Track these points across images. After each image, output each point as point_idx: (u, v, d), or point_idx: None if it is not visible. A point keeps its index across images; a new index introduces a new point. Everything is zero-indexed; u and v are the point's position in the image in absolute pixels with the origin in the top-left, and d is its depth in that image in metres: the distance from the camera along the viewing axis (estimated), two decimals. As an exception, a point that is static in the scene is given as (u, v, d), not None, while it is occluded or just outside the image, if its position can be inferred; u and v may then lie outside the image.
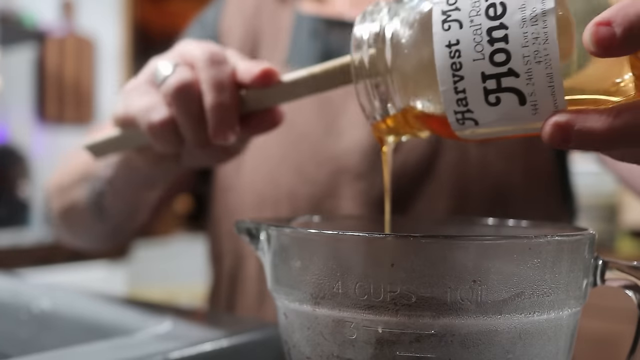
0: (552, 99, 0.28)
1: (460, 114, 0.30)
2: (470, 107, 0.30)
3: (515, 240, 0.28)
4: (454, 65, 0.29)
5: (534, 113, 0.29)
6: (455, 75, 0.29)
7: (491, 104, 0.29)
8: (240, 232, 0.35)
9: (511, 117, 0.29)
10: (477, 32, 0.28)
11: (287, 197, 0.63)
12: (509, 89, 0.28)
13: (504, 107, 0.29)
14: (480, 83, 0.29)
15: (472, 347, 0.27)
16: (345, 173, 0.62)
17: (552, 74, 0.27)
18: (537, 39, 0.27)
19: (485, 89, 0.29)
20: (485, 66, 0.28)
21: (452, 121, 0.31)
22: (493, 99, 0.29)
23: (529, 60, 0.28)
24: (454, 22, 0.29)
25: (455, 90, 0.29)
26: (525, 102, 0.28)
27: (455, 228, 0.42)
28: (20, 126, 2.29)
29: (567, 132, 0.27)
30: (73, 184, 0.62)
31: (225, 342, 0.41)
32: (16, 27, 2.17)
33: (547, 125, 0.28)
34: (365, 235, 0.28)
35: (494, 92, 0.29)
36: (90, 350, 0.39)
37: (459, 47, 0.29)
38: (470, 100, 0.29)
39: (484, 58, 0.28)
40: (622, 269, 0.30)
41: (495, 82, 0.28)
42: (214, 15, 0.73)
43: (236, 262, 0.68)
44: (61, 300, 0.55)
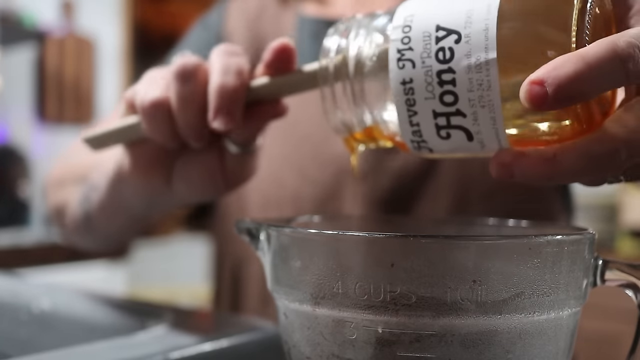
0: (497, 139, 0.31)
1: (416, 142, 0.33)
2: (424, 138, 0.32)
3: (515, 240, 0.28)
4: (408, 101, 0.31)
5: (482, 147, 0.32)
6: (409, 110, 0.32)
7: (442, 137, 0.32)
8: (240, 232, 0.35)
9: (462, 149, 0.32)
10: (428, 74, 0.31)
11: (291, 199, 0.63)
12: (458, 126, 0.31)
13: (454, 141, 0.32)
14: (432, 119, 0.31)
15: (472, 347, 0.27)
16: (348, 174, 0.63)
17: (495, 117, 0.30)
18: (481, 85, 0.29)
19: (436, 125, 0.31)
20: (436, 105, 0.31)
21: (409, 146, 0.34)
22: (444, 133, 0.31)
23: (474, 103, 0.30)
24: (408, 62, 0.31)
25: (411, 123, 0.32)
26: (473, 138, 0.31)
27: (455, 228, 0.42)
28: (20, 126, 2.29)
29: (510, 171, 0.30)
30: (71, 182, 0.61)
31: (225, 342, 0.41)
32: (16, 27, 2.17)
33: (493, 163, 0.31)
34: (365, 235, 0.28)
35: (444, 128, 0.31)
36: (90, 350, 0.39)
37: (412, 85, 0.31)
38: (424, 133, 0.32)
39: (434, 98, 0.31)
40: (622, 269, 0.30)
41: (445, 119, 0.31)
42: (217, 18, 0.73)
43: (239, 263, 0.68)
44: (61, 300, 0.55)
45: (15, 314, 0.55)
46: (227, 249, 0.70)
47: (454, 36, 0.30)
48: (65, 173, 0.64)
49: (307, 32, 0.68)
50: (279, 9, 0.71)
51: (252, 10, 0.72)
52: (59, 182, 0.64)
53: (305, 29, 0.68)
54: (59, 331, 0.52)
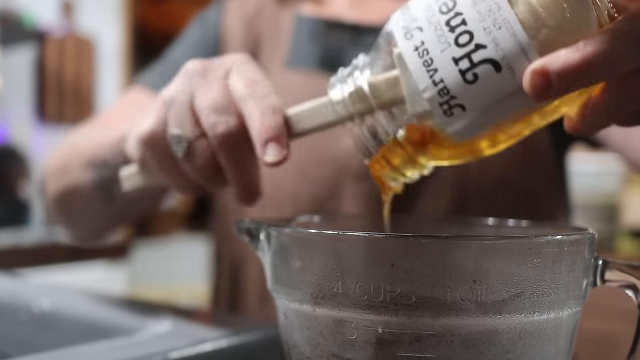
0: (524, 55, 0.30)
1: (446, 104, 0.32)
2: (452, 93, 0.31)
3: (515, 240, 0.28)
4: (425, 63, 0.31)
5: (512, 75, 0.30)
6: (429, 70, 0.31)
7: (470, 81, 0.31)
8: (240, 232, 0.35)
9: (494, 88, 0.31)
10: (437, 28, 0.31)
11: (290, 198, 0.63)
12: (482, 61, 0.30)
13: (483, 80, 0.31)
14: (454, 67, 0.31)
15: (472, 347, 0.27)
16: (347, 174, 0.62)
17: (515, 32, 0.30)
18: (490, 10, 0.30)
19: (460, 71, 0.31)
20: (454, 51, 0.31)
21: (440, 116, 0.32)
22: (470, 76, 0.31)
23: (490, 30, 0.30)
24: (415, 30, 0.32)
25: (434, 82, 0.31)
26: (500, 67, 0.30)
27: (455, 228, 0.42)
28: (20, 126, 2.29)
29: (545, 76, 0.29)
30: (77, 166, 0.61)
31: (225, 342, 0.41)
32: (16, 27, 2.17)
33: (526, 76, 0.29)
34: (365, 235, 0.28)
35: (469, 70, 0.31)
36: (90, 350, 0.39)
37: (425, 47, 0.31)
38: (450, 87, 0.31)
39: (450, 45, 0.31)
40: (622, 269, 0.30)
41: (467, 60, 0.30)
42: (215, 16, 0.73)
43: (237, 262, 0.68)
44: (61, 300, 0.55)
45: (15, 314, 0.55)
46: (226, 249, 0.70)
47: None
48: (66, 160, 0.63)
49: (305, 32, 0.68)
50: (276, 9, 0.71)
51: (250, 9, 0.72)
52: (62, 169, 0.64)
53: (303, 28, 0.68)
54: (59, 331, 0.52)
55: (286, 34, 0.69)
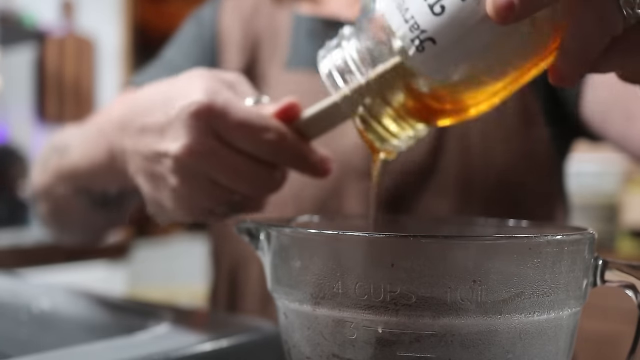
0: None
1: (417, 39, 0.33)
2: (422, 27, 0.32)
3: (515, 240, 0.28)
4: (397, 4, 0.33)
5: (477, 2, 0.31)
6: (401, 9, 0.33)
7: (437, 13, 0.32)
8: (240, 232, 0.35)
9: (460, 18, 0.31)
10: None
11: (292, 198, 0.63)
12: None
13: (449, 11, 0.31)
14: (423, 2, 0.32)
15: (472, 347, 0.27)
16: (349, 173, 0.62)
17: None
18: None
19: (429, 5, 0.32)
20: None
21: (413, 53, 0.33)
22: (438, 8, 0.32)
23: None
24: None
25: (405, 20, 0.33)
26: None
27: (456, 228, 0.42)
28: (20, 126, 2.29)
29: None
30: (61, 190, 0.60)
31: (225, 342, 0.41)
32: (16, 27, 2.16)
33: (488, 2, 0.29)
34: (365, 235, 0.28)
35: (437, 2, 0.32)
36: (90, 350, 0.39)
37: None
38: (419, 21, 0.32)
39: None
40: (622, 269, 0.30)
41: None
42: (211, 15, 0.73)
43: (236, 264, 0.68)
44: (61, 300, 0.55)
45: (15, 314, 0.55)
46: (224, 249, 0.70)
47: None
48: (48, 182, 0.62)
49: (303, 31, 0.68)
50: (273, 8, 0.71)
51: (247, 8, 0.72)
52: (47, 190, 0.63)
53: (300, 27, 0.68)
54: (59, 331, 0.52)
55: (285, 34, 0.69)
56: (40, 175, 0.64)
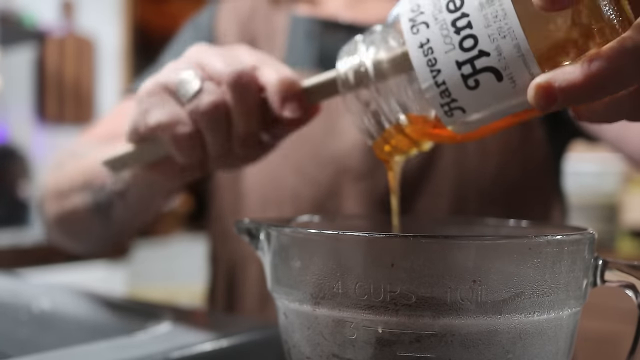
0: (526, 68, 0.30)
1: (447, 105, 0.32)
2: (453, 97, 0.32)
3: (515, 240, 0.28)
4: (429, 62, 0.31)
5: (513, 86, 0.30)
6: (432, 70, 0.31)
7: (471, 87, 0.31)
8: (240, 232, 0.35)
9: (494, 96, 0.31)
10: (443, 27, 0.31)
11: (290, 199, 0.63)
12: (484, 69, 0.30)
13: (484, 88, 0.31)
14: (456, 71, 0.31)
15: (472, 347, 0.27)
16: (347, 173, 0.63)
17: (519, 44, 0.29)
18: (496, 16, 0.29)
19: (462, 75, 0.31)
20: (458, 54, 0.31)
21: (441, 115, 0.33)
22: (472, 82, 0.31)
23: (494, 37, 0.30)
24: (421, 25, 0.32)
25: (436, 84, 0.32)
26: (502, 77, 0.30)
27: (455, 228, 0.42)
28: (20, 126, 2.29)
29: (549, 91, 0.28)
30: (73, 190, 0.61)
31: (225, 342, 0.41)
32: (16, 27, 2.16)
33: (531, 90, 0.29)
34: (365, 235, 0.28)
35: (471, 76, 0.31)
36: (90, 350, 0.39)
37: (430, 45, 0.31)
38: (452, 90, 0.31)
39: (454, 48, 0.31)
40: (622, 269, 0.30)
41: (470, 66, 0.31)
42: (208, 19, 0.73)
43: (235, 264, 0.68)
44: (61, 300, 0.55)
45: (15, 314, 0.55)
46: (223, 250, 0.70)
47: None
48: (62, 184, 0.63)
49: (300, 32, 0.68)
50: (270, 10, 0.71)
51: (244, 11, 0.72)
52: (58, 193, 0.63)
53: (298, 29, 0.68)
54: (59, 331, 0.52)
55: (282, 35, 0.69)
56: (54, 176, 0.65)
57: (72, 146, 0.69)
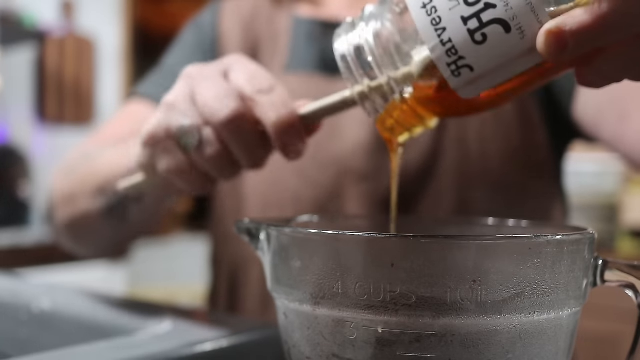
0: (534, 16, 0.29)
1: (454, 64, 0.31)
2: (460, 54, 0.31)
3: (515, 240, 0.28)
4: (433, 21, 0.31)
5: (522, 37, 0.30)
6: (437, 29, 0.31)
7: (479, 42, 0.30)
8: (240, 232, 0.35)
9: (502, 50, 0.30)
10: None
11: (292, 201, 0.63)
12: (491, 21, 0.29)
13: (492, 41, 0.30)
14: (462, 27, 0.30)
15: (472, 347, 0.27)
16: (348, 175, 0.63)
17: None
18: None
19: (469, 30, 0.30)
20: (463, 10, 0.30)
21: (448, 76, 0.32)
22: (479, 36, 0.30)
23: None
24: None
25: (442, 42, 0.31)
26: (510, 28, 0.29)
27: (455, 228, 0.42)
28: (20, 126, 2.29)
29: (560, 36, 0.28)
30: (86, 195, 0.61)
31: (225, 342, 0.41)
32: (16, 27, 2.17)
33: (540, 37, 0.29)
34: (365, 235, 0.28)
35: (478, 30, 0.30)
36: (90, 350, 0.39)
37: (433, 4, 0.30)
38: (458, 47, 0.30)
39: (459, 3, 0.30)
40: (622, 269, 0.30)
41: (476, 20, 0.30)
42: (210, 19, 0.73)
43: (237, 266, 0.68)
44: (61, 300, 0.55)
45: (15, 314, 0.55)
46: (224, 251, 0.70)
47: None
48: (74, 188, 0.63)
49: (303, 33, 0.68)
50: (273, 10, 0.71)
51: (246, 11, 0.72)
52: (70, 197, 0.63)
53: (300, 30, 0.68)
54: (59, 331, 0.52)
55: (284, 37, 0.69)
56: (66, 180, 0.65)
57: (82, 150, 0.68)
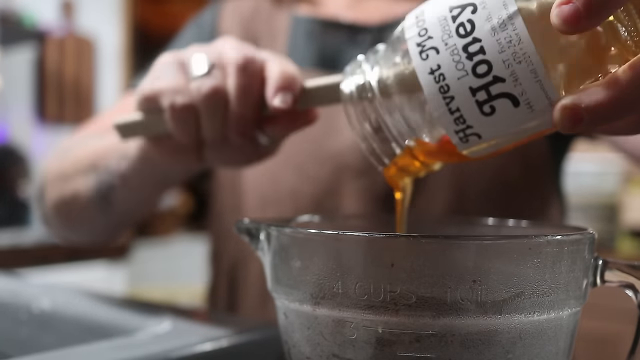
0: (543, 93, 0.29)
1: (462, 132, 0.31)
2: (468, 123, 0.30)
3: (515, 240, 0.28)
4: (441, 89, 0.30)
5: (531, 111, 0.29)
6: (445, 97, 0.30)
7: (487, 114, 0.30)
8: (240, 232, 0.35)
9: (510, 122, 0.30)
10: (454, 52, 0.30)
11: (290, 197, 0.63)
12: (500, 94, 0.29)
13: (500, 114, 0.30)
14: (471, 97, 0.30)
15: (472, 347, 0.27)
16: (346, 171, 0.63)
17: (535, 69, 0.28)
18: (510, 41, 0.28)
19: (477, 102, 0.30)
20: (471, 81, 0.29)
21: (456, 142, 0.32)
22: (487, 109, 0.30)
23: (509, 63, 0.29)
24: (431, 50, 0.30)
25: (450, 111, 0.30)
26: (519, 103, 0.29)
27: (455, 228, 0.42)
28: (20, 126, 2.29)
29: (576, 112, 0.28)
30: (77, 173, 0.61)
31: (225, 342, 0.41)
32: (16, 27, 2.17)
33: (557, 112, 0.28)
34: (365, 235, 0.28)
35: (486, 102, 0.30)
36: (90, 350, 0.39)
37: (441, 71, 0.30)
38: (466, 117, 0.30)
39: (467, 74, 0.29)
40: (622, 269, 0.30)
41: (484, 92, 0.29)
42: (211, 18, 0.73)
43: (236, 262, 0.68)
44: (61, 300, 0.55)
45: (15, 314, 0.55)
46: (224, 249, 0.70)
47: (470, 8, 0.29)
48: (66, 167, 0.63)
49: (302, 32, 0.68)
50: (272, 10, 0.71)
51: (246, 10, 0.72)
52: (62, 175, 0.64)
53: (299, 29, 0.68)
54: (59, 331, 0.52)
55: (283, 35, 0.69)
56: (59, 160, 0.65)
57: (77, 136, 0.69)
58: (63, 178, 0.63)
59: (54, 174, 0.65)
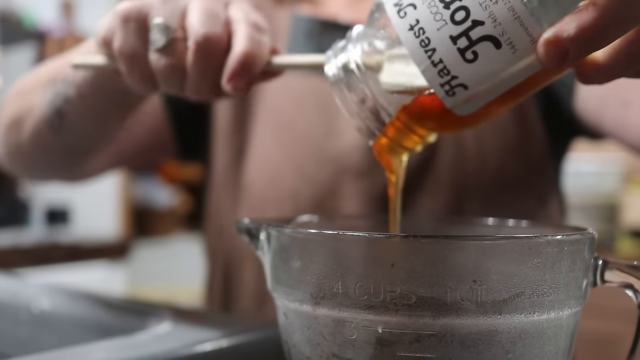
0: (524, 30, 0.29)
1: (447, 84, 0.31)
2: (453, 74, 0.30)
3: (515, 240, 0.28)
4: (422, 43, 0.30)
5: (514, 51, 0.29)
6: (427, 50, 0.30)
7: (470, 60, 0.30)
8: (240, 232, 0.35)
9: (495, 66, 0.30)
10: (431, 5, 0.30)
11: (290, 198, 0.63)
12: (480, 38, 0.29)
13: (483, 59, 0.30)
14: (452, 46, 0.30)
15: (472, 347, 0.27)
16: (346, 172, 0.63)
17: (512, 6, 0.29)
18: None
19: (459, 49, 0.30)
20: (451, 29, 0.30)
21: (442, 97, 0.31)
22: (470, 55, 0.30)
23: (486, 5, 0.29)
24: (408, 7, 0.31)
25: (433, 63, 0.30)
26: (500, 44, 0.29)
27: (455, 228, 0.42)
28: (20, 126, 2.29)
29: (560, 44, 0.27)
30: (35, 88, 0.59)
31: (225, 342, 0.41)
32: (16, 27, 2.17)
33: (540, 48, 0.28)
34: (365, 235, 0.28)
35: (468, 48, 0.30)
36: (90, 350, 0.39)
37: (420, 25, 0.30)
38: (450, 67, 0.30)
39: (446, 23, 0.30)
40: (622, 269, 0.30)
41: (465, 39, 0.30)
42: None
43: (231, 261, 0.68)
44: (61, 300, 0.55)
45: (15, 314, 0.55)
46: (219, 247, 0.70)
47: None
48: (26, 84, 0.62)
49: (302, 32, 0.68)
50: (273, 9, 0.71)
51: None
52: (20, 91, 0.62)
53: (300, 28, 0.68)
54: (59, 331, 0.52)
55: (283, 34, 0.69)
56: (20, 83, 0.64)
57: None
58: (21, 93, 0.62)
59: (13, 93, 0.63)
